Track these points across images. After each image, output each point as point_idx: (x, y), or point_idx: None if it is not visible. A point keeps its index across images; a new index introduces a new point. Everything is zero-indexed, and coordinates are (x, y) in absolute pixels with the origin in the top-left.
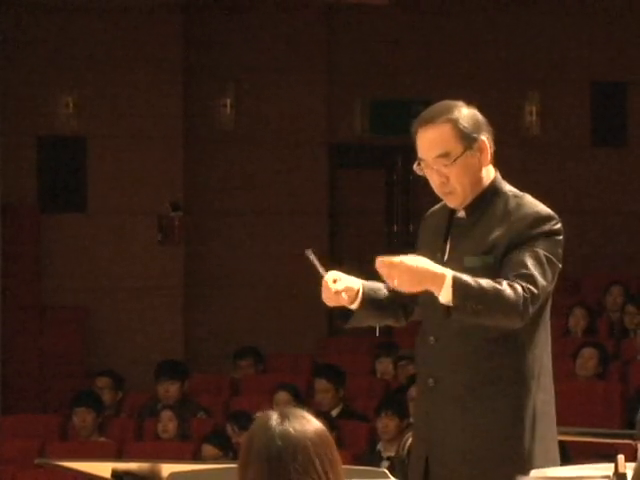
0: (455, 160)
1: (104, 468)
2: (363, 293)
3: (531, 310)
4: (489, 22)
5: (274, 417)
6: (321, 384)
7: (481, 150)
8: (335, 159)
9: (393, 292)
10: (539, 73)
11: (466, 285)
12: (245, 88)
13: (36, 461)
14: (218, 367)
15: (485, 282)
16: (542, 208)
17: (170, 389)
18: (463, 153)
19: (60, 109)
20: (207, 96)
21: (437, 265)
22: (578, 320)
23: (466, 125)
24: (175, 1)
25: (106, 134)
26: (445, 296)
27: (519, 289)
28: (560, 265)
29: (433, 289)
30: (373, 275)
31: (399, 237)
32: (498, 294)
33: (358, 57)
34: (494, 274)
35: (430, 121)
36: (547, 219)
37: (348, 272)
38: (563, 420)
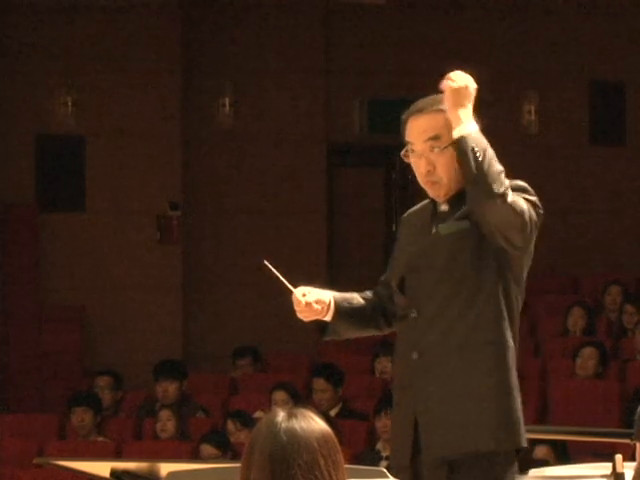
0: (445, 147)
1: (103, 467)
2: (335, 304)
3: (508, 199)
4: (488, 21)
5: (281, 415)
6: (319, 384)
7: None
8: (334, 158)
9: (374, 296)
10: (538, 72)
11: (483, 141)
12: (244, 87)
13: (35, 460)
14: (217, 366)
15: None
16: (519, 181)
17: (169, 389)
18: (453, 142)
19: (58, 108)
20: (206, 95)
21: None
22: (577, 320)
23: None
24: (173, 1)
25: (104, 133)
26: (460, 130)
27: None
28: (536, 227)
29: (455, 118)
30: (372, 274)
31: None
32: (500, 171)
33: (356, 56)
34: (471, 240)
35: (422, 110)
36: (523, 188)
37: (346, 271)
38: (562, 419)
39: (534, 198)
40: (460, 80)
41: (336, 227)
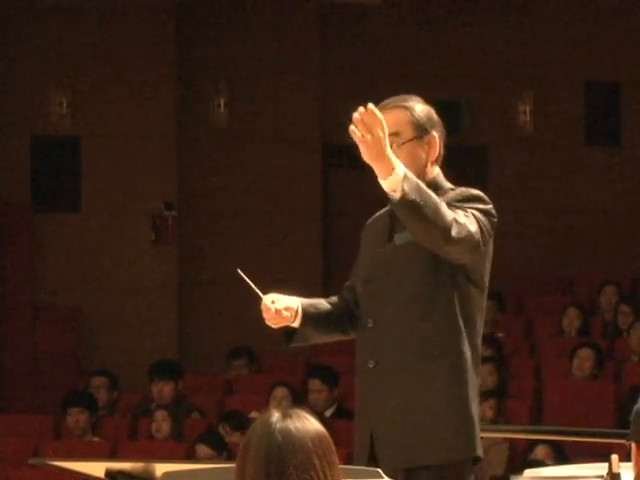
0: (403, 143)
1: (98, 468)
2: (303, 310)
3: (455, 236)
4: (483, 22)
5: (276, 415)
6: (315, 384)
7: (430, 144)
8: (329, 159)
9: (340, 301)
10: (533, 72)
11: (416, 181)
12: (239, 88)
13: (30, 461)
14: (212, 367)
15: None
16: (474, 190)
17: (164, 389)
18: (412, 139)
19: (54, 109)
20: (201, 96)
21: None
22: (572, 320)
23: (421, 116)
24: (168, 1)
25: (100, 134)
26: (390, 184)
27: (454, 215)
28: (490, 237)
29: (380, 170)
30: None
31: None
32: (441, 204)
33: (352, 57)
34: (427, 250)
35: (386, 106)
36: (477, 198)
37: (342, 272)
38: (557, 420)
39: (488, 207)
40: (374, 131)
41: (332, 227)
